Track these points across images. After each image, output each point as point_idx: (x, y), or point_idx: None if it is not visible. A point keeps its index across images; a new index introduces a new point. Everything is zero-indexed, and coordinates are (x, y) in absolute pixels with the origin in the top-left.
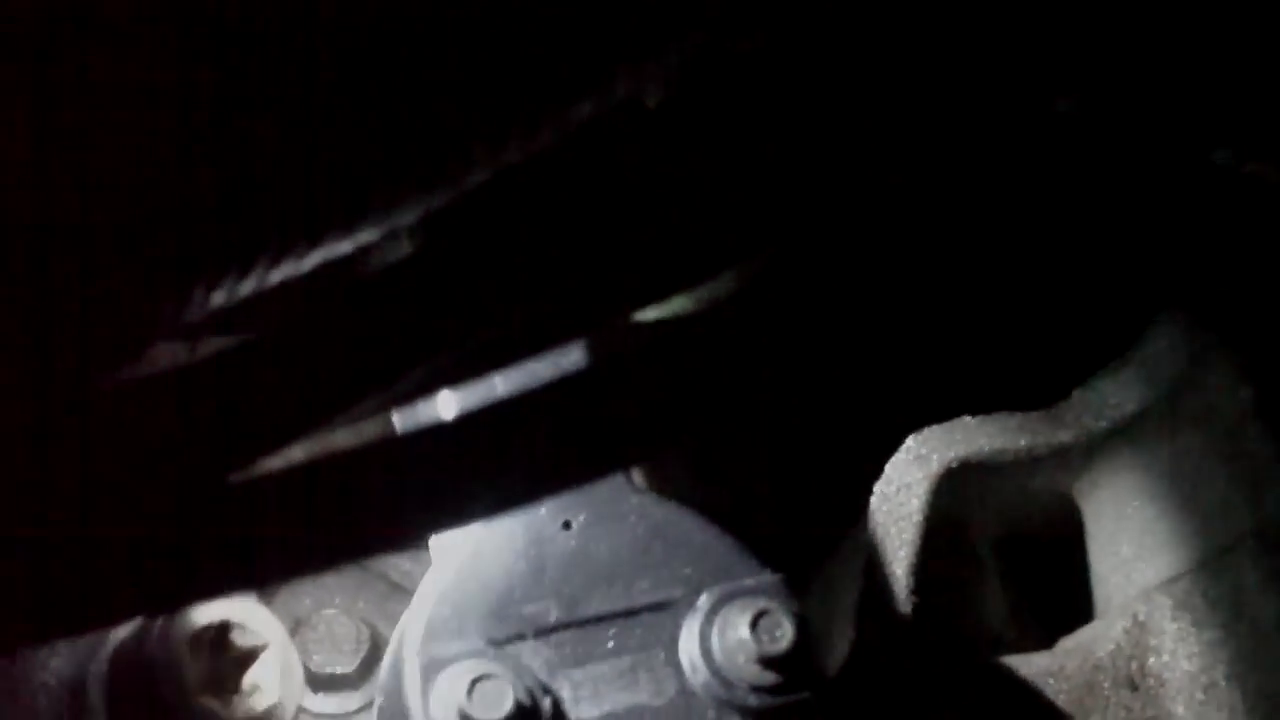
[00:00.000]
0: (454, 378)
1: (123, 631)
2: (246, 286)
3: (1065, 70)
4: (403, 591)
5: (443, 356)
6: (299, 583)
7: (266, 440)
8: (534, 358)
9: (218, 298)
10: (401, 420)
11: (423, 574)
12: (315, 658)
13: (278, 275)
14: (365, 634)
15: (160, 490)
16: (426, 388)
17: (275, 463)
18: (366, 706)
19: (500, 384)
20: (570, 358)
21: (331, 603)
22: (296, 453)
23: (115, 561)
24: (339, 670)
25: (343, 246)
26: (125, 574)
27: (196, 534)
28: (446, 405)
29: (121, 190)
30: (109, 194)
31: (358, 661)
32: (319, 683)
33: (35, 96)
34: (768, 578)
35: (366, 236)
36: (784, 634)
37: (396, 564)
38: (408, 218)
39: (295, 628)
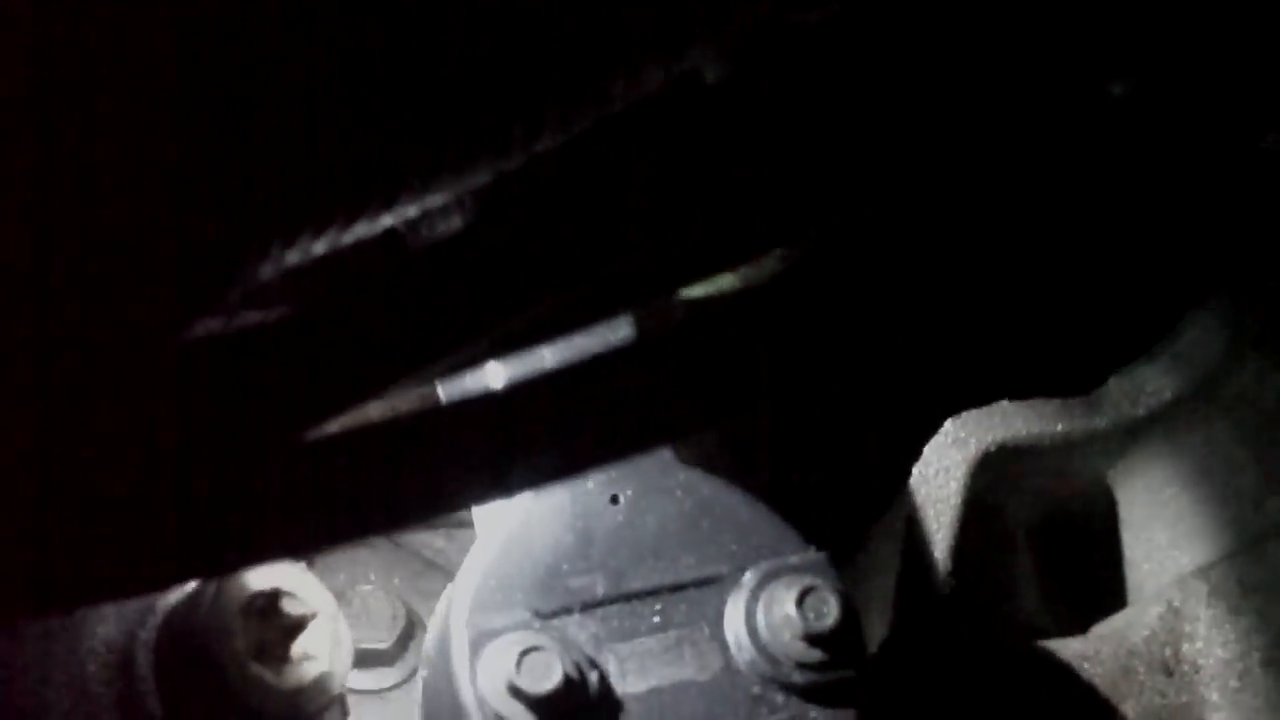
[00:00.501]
0: (502, 350)
1: (172, 599)
2: (317, 248)
3: (1120, 54)
4: (437, 569)
5: (493, 329)
6: (346, 548)
7: (324, 405)
8: (581, 331)
9: (290, 258)
10: (449, 390)
11: (457, 552)
12: (351, 633)
13: (343, 240)
14: (401, 610)
15: (218, 452)
16: (475, 359)
17: (328, 428)
18: (402, 682)
19: (547, 356)
20: (617, 332)
21: (367, 579)
22: (347, 419)
23: (171, 521)
24: (375, 646)
25: (404, 214)
26: (179, 535)
27: (252, 496)
28: (494, 376)
29: (198, 148)
30: (186, 151)
31: (394, 637)
32: (355, 658)
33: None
34: (813, 555)
35: (428, 204)
36: (829, 611)
37: (430, 542)
38: (463, 188)
39: None
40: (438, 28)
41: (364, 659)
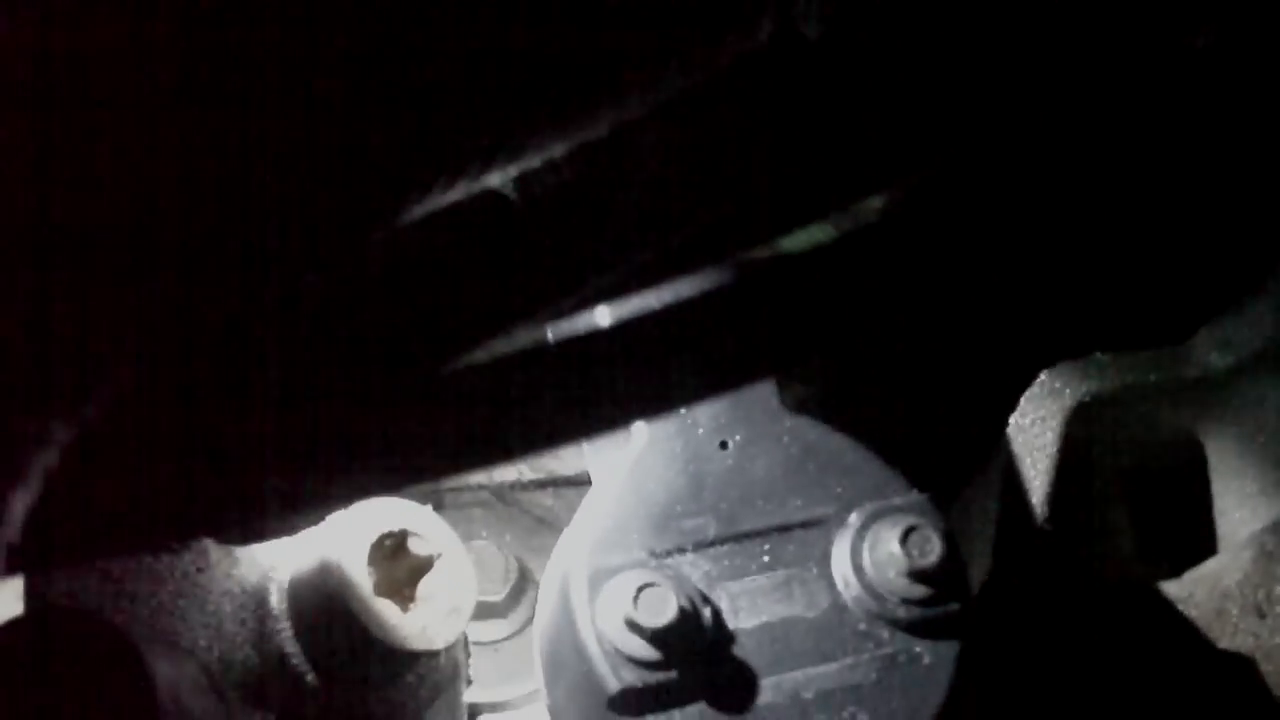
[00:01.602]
0: (612, 293)
1: (303, 541)
2: (448, 197)
3: (1201, 6)
4: (547, 526)
5: (603, 275)
6: (467, 490)
7: (451, 342)
8: (686, 276)
9: (424, 205)
10: (562, 330)
11: (566, 510)
12: None
13: (464, 191)
14: (514, 565)
15: (350, 385)
16: (588, 302)
17: (452, 365)
18: (514, 634)
19: (653, 298)
20: (720, 275)
21: (479, 535)
22: (471, 358)
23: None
24: (489, 598)
25: (516, 168)
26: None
27: (381, 428)
28: (603, 317)
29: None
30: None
31: (507, 590)
32: None
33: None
34: (916, 496)
35: (535, 161)
36: (933, 548)
37: (540, 500)
38: (569, 146)
39: None
40: None
41: (478, 611)
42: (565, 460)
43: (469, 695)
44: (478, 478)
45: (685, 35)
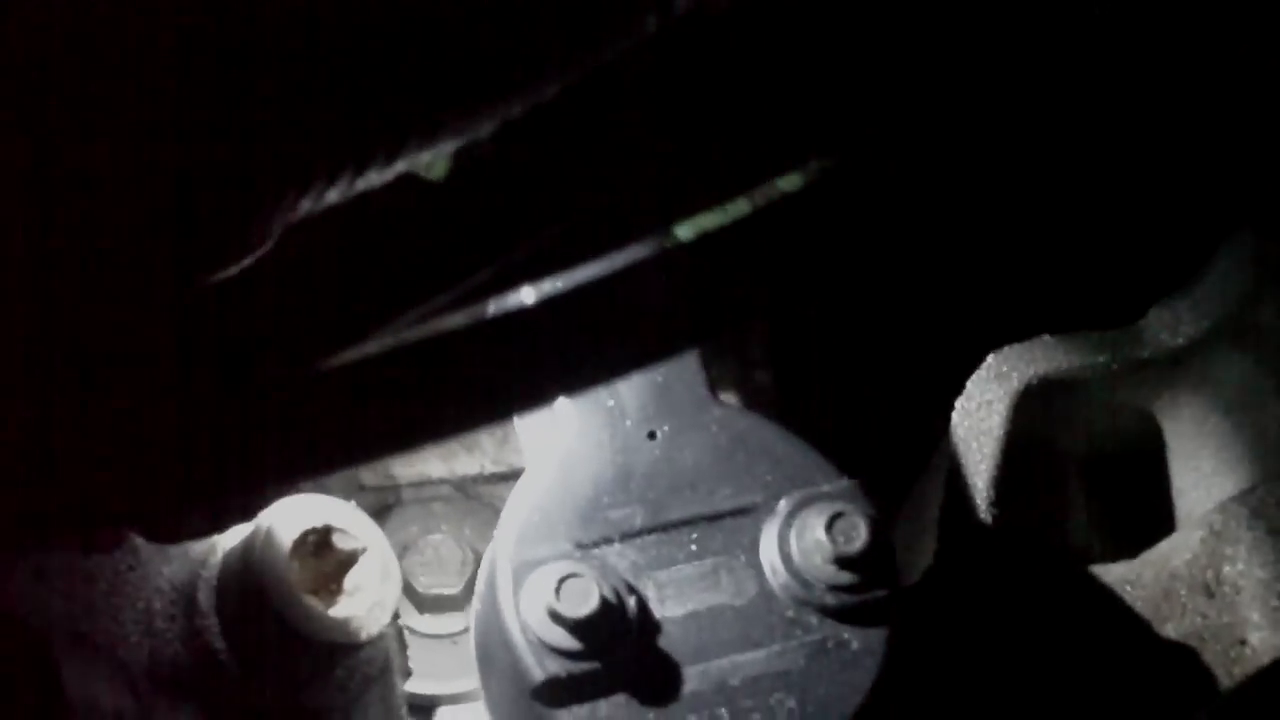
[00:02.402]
0: (532, 273)
1: (230, 540)
2: (361, 183)
3: None
4: None
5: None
6: (405, 454)
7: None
8: (613, 250)
9: (333, 193)
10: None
11: None
12: (422, 579)
13: (357, 186)
14: (470, 557)
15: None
16: (514, 279)
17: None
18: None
19: (575, 275)
20: (645, 249)
21: (438, 529)
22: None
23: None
24: (445, 591)
25: (433, 149)
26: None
27: (302, 412)
28: (531, 293)
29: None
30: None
31: (463, 583)
32: (426, 604)
33: None
34: (843, 483)
35: (451, 143)
36: (858, 535)
37: (500, 493)
38: (488, 126)
39: (403, 552)
40: None
41: (435, 604)
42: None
43: (427, 687)
44: (438, 471)
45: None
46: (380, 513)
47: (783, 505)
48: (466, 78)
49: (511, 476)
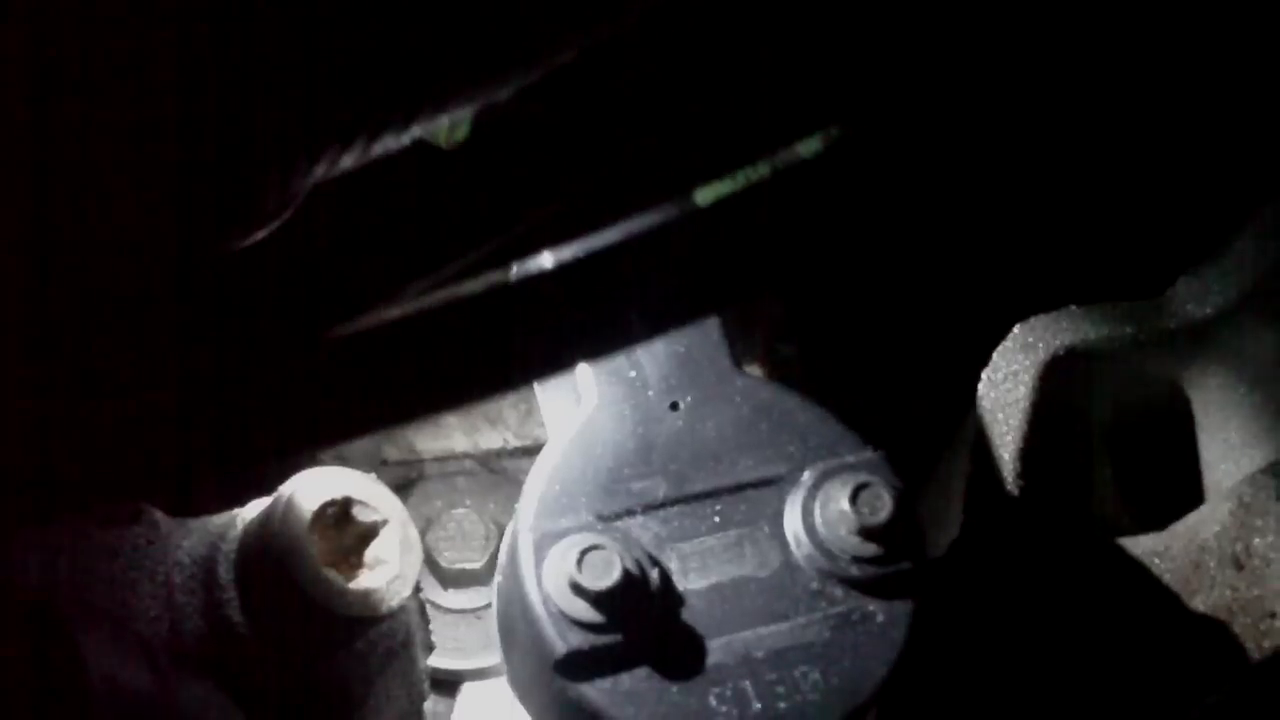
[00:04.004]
0: (560, 235)
1: (250, 512)
2: (377, 148)
3: None
4: None
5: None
6: (425, 422)
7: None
8: (632, 215)
9: (345, 160)
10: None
11: None
12: (446, 554)
13: (397, 141)
14: (494, 532)
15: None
16: (533, 244)
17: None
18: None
19: (595, 240)
20: (665, 213)
21: (462, 503)
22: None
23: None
24: (469, 566)
25: (450, 113)
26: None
27: (320, 379)
28: (551, 258)
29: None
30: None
31: (486, 558)
32: (449, 578)
33: None
34: (868, 454)
35: (468, 107)
36: (883, 506)
37: (525, 467)
38: (506, 89)
39: (426, 527)
40: None
41: (459, 579)
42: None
43: (451, 663)
44: (461, 445)
45: None
46: (403, 487)
47: (807, 476)
48: (483, 40)
49: (535, 450)
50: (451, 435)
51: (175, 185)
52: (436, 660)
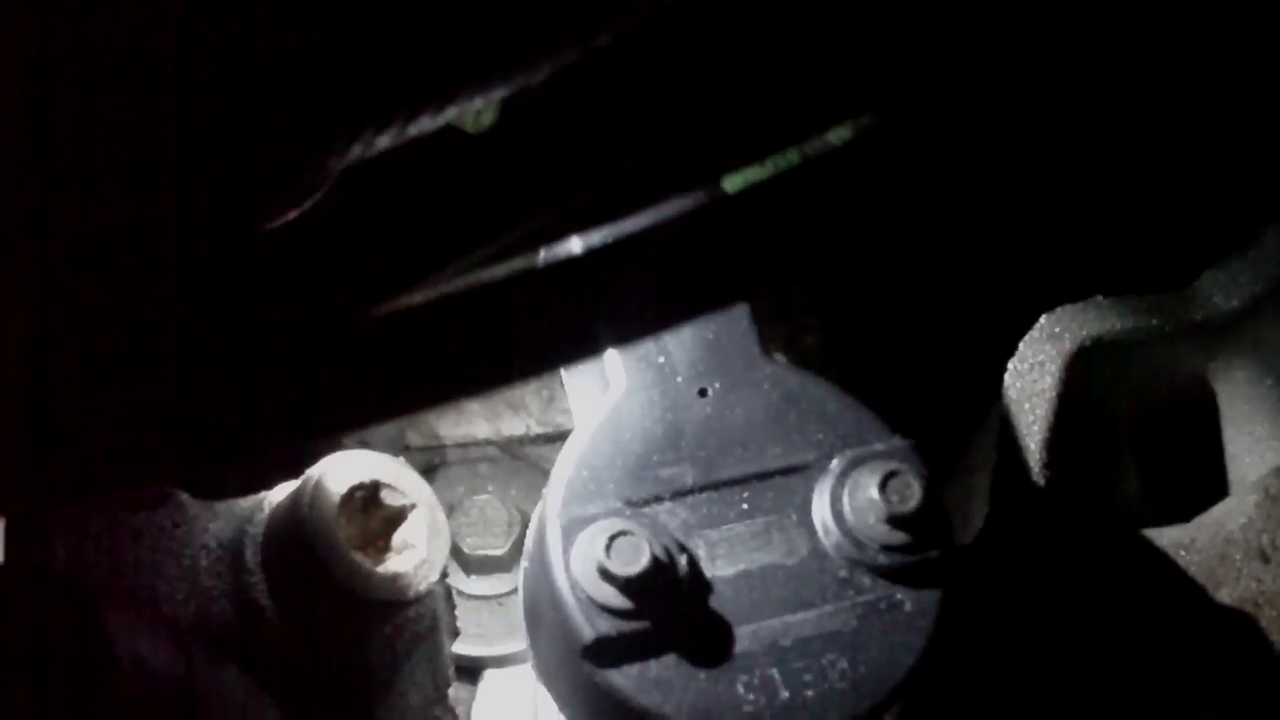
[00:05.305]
0: (589, 221)
1: (277, 495)
2: (412, 129)
3: None
4: None
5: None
6: (454, 404)
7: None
8: (661, 201)
9: (384, 139)
10: (543, 256)
11: None
12: (469, 540)
13: (432, 123)
14: (517, 518)
15: (323, 319)
16: (563, 229)
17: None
18: (517, 588)
19: (625, 226)
20: (693, 200)
21: (484, 490)
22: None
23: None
24: (491, 552)
25: (484, 97)
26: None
27: (348, 361)
28: (580, 243)
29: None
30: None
31: (509, 544)
32: (472, 565)
33: None
34: (897, 442)
35: (502, 91)
36: (912, 494)
37: (547, 454)
38: (540, 74)
39: (450, 513)
40: None
41: (481, 565)
42: (572, 414)
43: (472, 649)
44: (484, 432)
45: None
46: (426, 473)
47: (835, 464)
48: (518, 24)
49: (557, 437)
50: (474, 421)
51: (214, 165)
52: (459, 647)
